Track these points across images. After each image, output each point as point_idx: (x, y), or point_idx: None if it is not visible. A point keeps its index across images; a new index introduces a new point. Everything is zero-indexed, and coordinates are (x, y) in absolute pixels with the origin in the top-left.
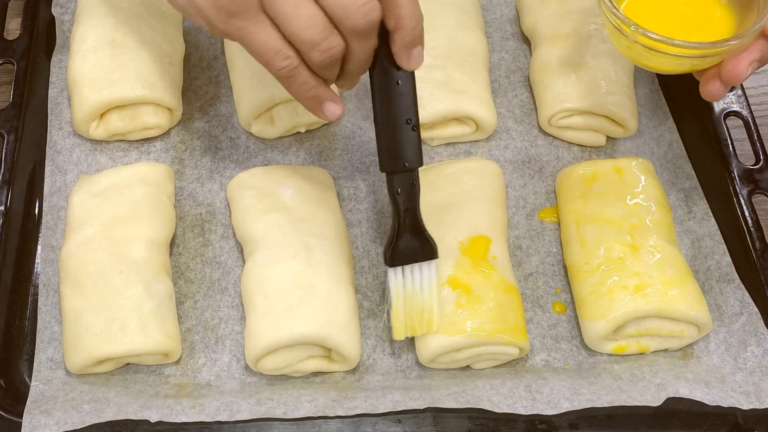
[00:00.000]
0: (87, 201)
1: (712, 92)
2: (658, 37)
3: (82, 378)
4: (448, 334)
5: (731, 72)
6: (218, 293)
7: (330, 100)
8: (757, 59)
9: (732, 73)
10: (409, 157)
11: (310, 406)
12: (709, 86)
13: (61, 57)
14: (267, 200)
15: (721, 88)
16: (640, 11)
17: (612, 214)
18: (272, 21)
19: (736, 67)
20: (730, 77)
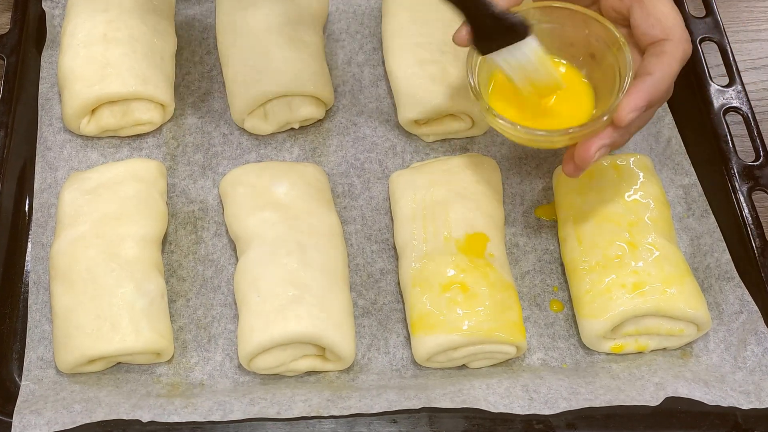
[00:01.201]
0: (78, 198)
1: (568, 171)
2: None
3: (72, 377)
4: (445, 332)
5: (580, 156)
6: (211, 291)
7: None
8: (606, 144)
9: (581, 157)
10: None
11: (304, 405)
12: (566, 166)
13: (52, 52)
14: (260, 197)
15: (575, 169)
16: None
17: (610, 211)
18: None
19: (585, 152)
20: (580, 160)
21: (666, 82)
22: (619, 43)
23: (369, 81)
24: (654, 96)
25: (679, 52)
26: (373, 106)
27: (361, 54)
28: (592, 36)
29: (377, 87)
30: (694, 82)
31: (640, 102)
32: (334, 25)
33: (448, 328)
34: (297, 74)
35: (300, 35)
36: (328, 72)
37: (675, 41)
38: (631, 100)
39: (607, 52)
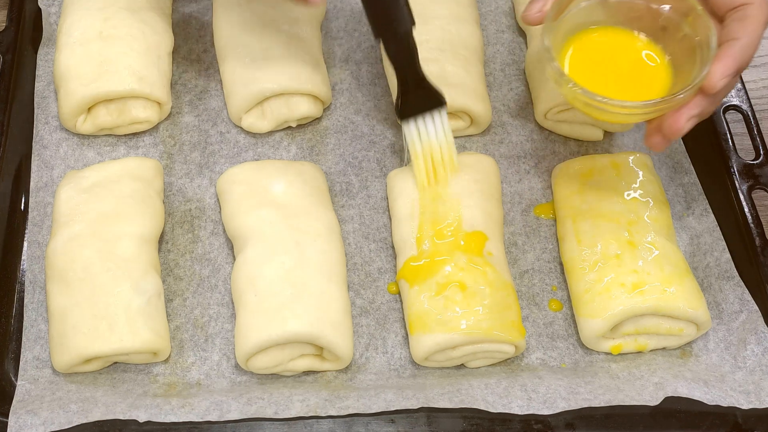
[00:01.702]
0: (74, 197)
1: (653, 144)
2: (596, 97)
3: (69, 377)
4: (443, 331)
5: (671, 127)
6: (208, 290)
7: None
8: (696, 114)
9: (671, 128)
10: (397, 21)
11: (302, 405)
12: (651, 138)
13: (48, 50)
14: (257, 196)
15: (663, 141)
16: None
17: (609, 210)
18: None
19: (675, 123)
20: (670, 132)
21: (753, 46)
22: (696, 11)
23: (367, 79)
24: (742, 61)
25: (762, 15)
26: (371, 105)
27: (358, 52)
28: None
29: (375, 85)
30: None
31: (730, 68)
32: (331, 23)
33: (446, 327)
34: (294, 72)
35: (297, 33)
36: (325, 70)
37: (757, 4)
38: (722, 66)
39: (682, 22)
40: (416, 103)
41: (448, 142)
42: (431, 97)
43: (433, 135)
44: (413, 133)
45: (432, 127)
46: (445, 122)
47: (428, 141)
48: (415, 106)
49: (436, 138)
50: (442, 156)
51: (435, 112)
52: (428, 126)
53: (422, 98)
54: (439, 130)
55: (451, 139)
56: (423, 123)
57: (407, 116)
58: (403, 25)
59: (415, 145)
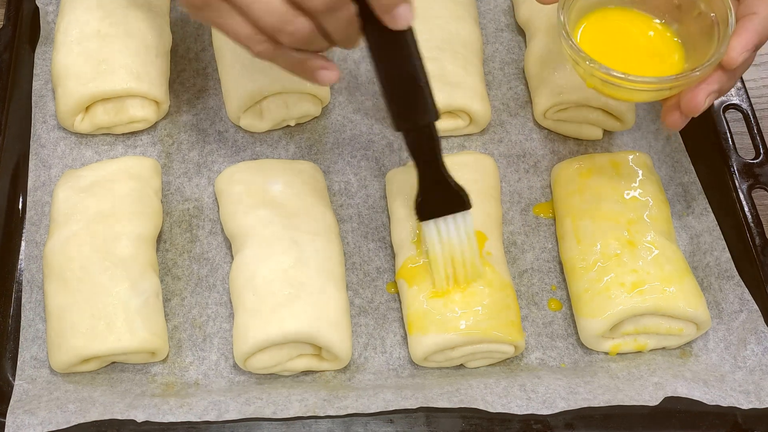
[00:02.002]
0: (72, 196)
1: (671, 122)
2: (614, 73)
3: (66, 377)
4: (442, 331)
5: (689, 104)
6: (206, 290)
7: (321, 68)
8: (715, 90)
9: (690, 105)
10: (420, 111)
11: (300, 405)
12: (669, 116)
13: (46, 49)
14: (256, 195)
15: (681, 118)
16: (595, 39)
17: (609, 210)
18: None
19: (694, 99)
20: (688, 109)
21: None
22: None
23: (366, 78)
24: (762, 35)
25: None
26: (369, 104)
27: (358, 51)
28: None
29: (374, 84)
30: None
31: (750, 42)
32: None
33: (445, 327)
34: None
35: None
36: None
37: None
38: (741, 40)
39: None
40: (437, 204)
41: (471, 248)
42: (454, 199)
43: (455, 238)
44: (433, 235)
45: (454, 229)
46: (469, 226)
47: (450, 244)
48: (436, 207)
49: (458, 242)
50: (463, 260)
51: (459, 215)
52: (450, 228)
53: (444, 199)
54: (462, 234)
55: (475, 245)
56: (444, 224)
57: (427, 217)
58: (425, 116)
59: (434, 247)
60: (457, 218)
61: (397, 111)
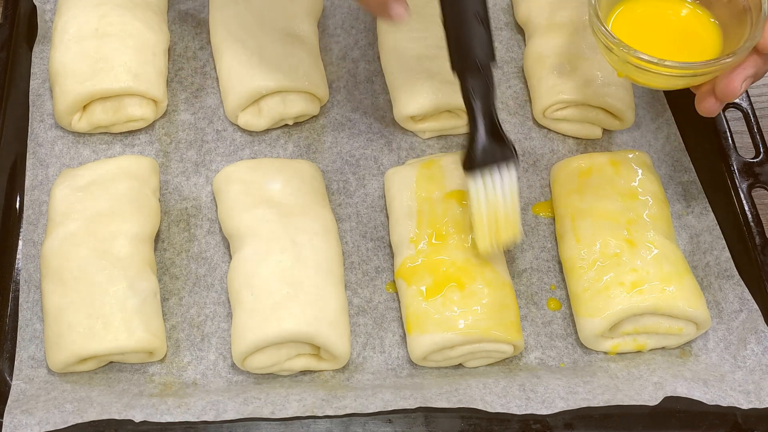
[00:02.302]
0: (69, 195)
1: (707, 109)
2: (648, 58)
3: (64, 377)
4: (441, 330)
5: (725, 89)
6: (204, 289)
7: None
8: (750, 75)
9: (726, 90)
10: (480, 53)
11: (299, 405)
12: (704, 103)
13: (43, 47)
14: (254, 194)
15: (716, 104)
16: (628, 27)
17: (608, 209)
18: None
19: (730, 84)
20: (724, 94)
21: None
22: None
23: (364, 76)
24: None
25: None
26: (368, 102)
27: (356, 49)
28: None
29: (372, 83)
30: None
31: None
32: (328, 20)
33: (443, 326)
34: (291, 70)
35: (294, 30)
36: (322, 67)
37: None
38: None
39: None
40: (486, 154)
41: (514, 205)
42: (504, 150)
43: (500, 193)
44: (480, 190)
45: (500, 184)
46: (514, 181)
47: (494, 200)
48: (485, 157)
49: (502, 197)
50: (506, 218)
51: (504, 166)
52: (496, 182)
53: (494, 148)
54: (506, 189)
55: (517, 202)
56: (490, 177)
57: (474, 167)
58: (485, 58)
59: (480, 204)
60: (503, 171)
61: (458, 49)
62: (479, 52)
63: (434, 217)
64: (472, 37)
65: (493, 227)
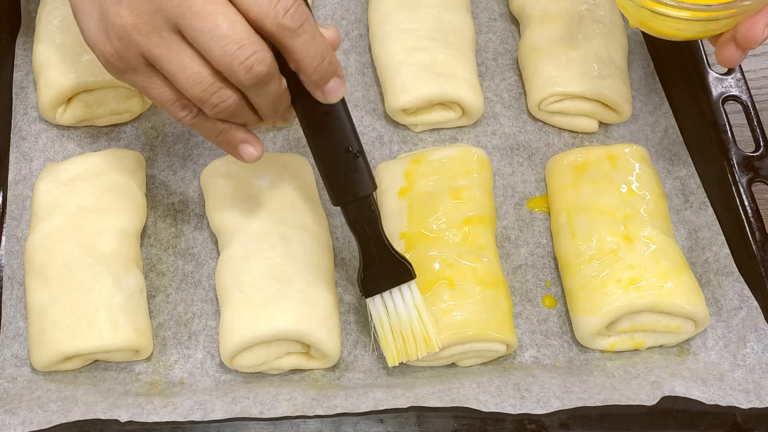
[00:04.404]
0: (53, 190)
1: (728, 58)
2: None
3: (48, 375)
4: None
5: (747, 34)
6: (191, 287)
7: (243, 142)
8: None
9: (748, 35)
10: (358, 185)
11: (288, 405)
12: (724, 52)
13: (27, 39)
14: (243, 189)
15: (738, 53)
16: None
17: (605, 204)
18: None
19: (752, 29)
20: (746, 40)
21: None
22: None
23: (355, 69)
24: None
25: None
26: (359, 95)
27: (346, 41)
28: None
29: (364, 75)
30: (692, 69)
31: None
32: (318, 11)
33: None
34: None
35: None
36: None
37: None
38: None
39: None
40: (382, 277)
41: (421, 320)
42: (399, 270)
43: (402, 311)
44: (380, 310)
45: (401, 302)
46: (416, 297)
47: (397, 318)
48: (381, 282)
49: (406, 314)
50: (413, 333)
51: (403, 287)
52: (396, 301)
53: (389, 272)
54: (409, 305)
55: (425, 315)
56: (391, 298)
57: (373, 293)
58: (364, 189)
59: (383, 324)
60: (403, 290)
61: (334, 185)
62: (358, 185)
63: (425, 212)
64: (348, 172)
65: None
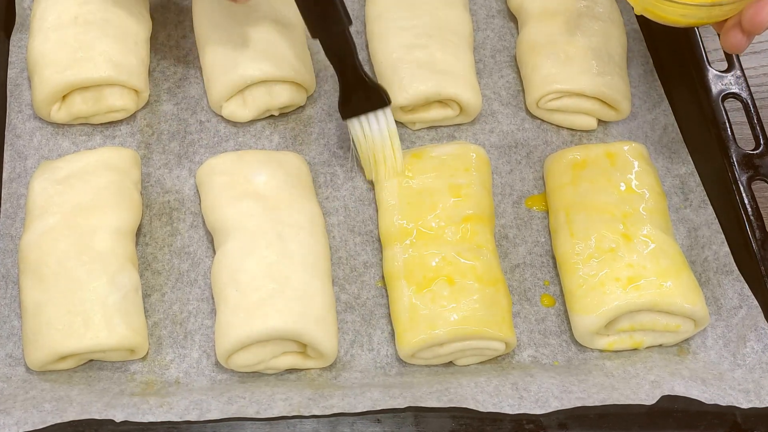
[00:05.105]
0: (48, 188)
1: (733, 44)
2: None
3: (43, 375)
4: (430, 327)
5: (753, 19)
6: (187, 285)
7: None
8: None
9: (754, 20)
10: (333, 19)
11: (285, 404)
12: (729, 38)
13: (21, 36)
14: (239, 187)
15: (744, 38)
16: None
17: (603, 202)
18: None
19: (759, 13)
20: (752, 25)
21: None
22: None
23: None
24: None
25: None
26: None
27: None
28: None
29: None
30: (692, 67)
31: None
32: None
33: (433, 323)
34: (277, 59)
35: (280, 18)
36: (309, 57)
37: None
38: None
39: None
40: (358, 103)
41: (393, 143)
42: (374, 97)
43: (377, 134)
44: (358, 132)
45: (376, 126)
46: (390, 121)
47: (372, 140)
48: (357, 106)
49: (380, 137)
50: (384, 155)
51: (379, 111)
52: (372, 125)
53: (364, 98)
54: (384, 129)
55: (396, 141)
56: (367, 122)
57: (349, 116)
58: (337, 24)
59: (360, 143)
60: (378, 115)
61: (311, 20)
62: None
63: (423, 210)
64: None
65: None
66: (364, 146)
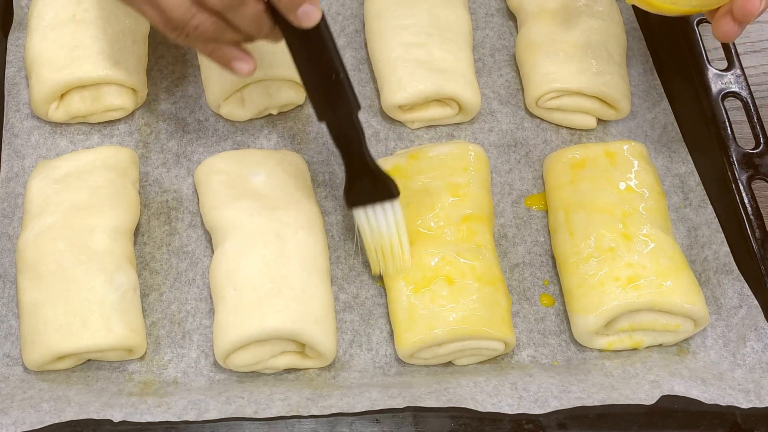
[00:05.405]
0: (46, 187)
1: (725, 32)
2: None
3: (40, 375)
4: (429, 327)
5: (744, 7)
6: (185, 285)
7: (234, 58)
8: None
9: (745, 8)
10: (341, 103)
11: (283, 404)
12: (721, 26)
13: (19, 35)
14: (237, 186)
15: (735, 27)
16: None
17: (603, 201)
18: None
19: (749, 2)
20: (743, 13)
21: None
22: None
23: (351, 65)
24: None
25: None
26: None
27: (342, 36)
28: None
29: (359, 71)
30: (692, 65)
31: None
32: None
33: (431, 323)
34: (275, 58)
35: None
36: None
37: None
38: None
39: None
40: (364, 192)
41: (400, 238)
42: (381, 187)
43: (384, 227)
44: (363, 223)
45: (383, 218)
46: (398, 215)
47: (378, 234)
48: (362, 195)
49: (387, 231)
50: (392, 250)
51: (386, 204)
52: (378, 217)
53: (371, 187)
54: (391, 223)
55: (404, 236)
56: (374, 213)
57: (355, 204)
58: (345, 107)
59: (365, 234)
60: (385, 207)
61: (318, 102)
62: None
63: (422, 210)
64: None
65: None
66: (369, 239)
